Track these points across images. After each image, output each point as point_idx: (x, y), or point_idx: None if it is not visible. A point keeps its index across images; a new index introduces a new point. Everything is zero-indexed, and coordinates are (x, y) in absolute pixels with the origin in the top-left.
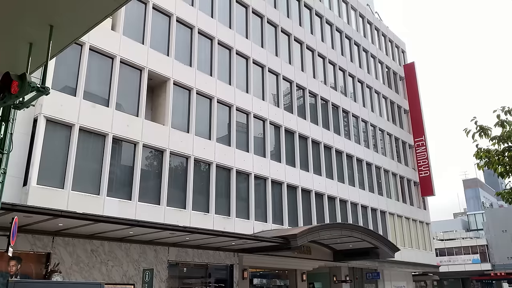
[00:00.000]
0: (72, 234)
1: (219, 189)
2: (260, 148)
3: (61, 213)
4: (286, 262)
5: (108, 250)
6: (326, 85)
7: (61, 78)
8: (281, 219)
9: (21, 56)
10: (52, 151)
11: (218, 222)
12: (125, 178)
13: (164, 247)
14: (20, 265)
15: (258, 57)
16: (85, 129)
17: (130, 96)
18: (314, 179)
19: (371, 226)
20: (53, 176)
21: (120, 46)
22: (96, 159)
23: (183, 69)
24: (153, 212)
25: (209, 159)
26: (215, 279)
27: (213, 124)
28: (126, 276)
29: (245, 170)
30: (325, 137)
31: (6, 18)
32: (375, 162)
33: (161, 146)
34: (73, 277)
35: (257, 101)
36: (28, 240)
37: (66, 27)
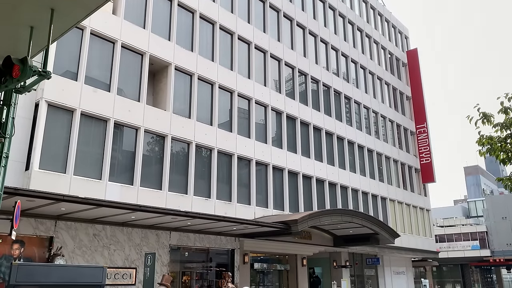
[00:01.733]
0: (75, 218)
1: (220, 175)
2: (261, 134)
3: (63, 198)
4: (286, 247)
5: (110, 234)
6: (328, 71)
7: (62, 63)
8: (282, 205)
9: (22, 40)
10: (54, 136)
11: (219, 207)
12: (126, 163)
13: (165, 231)
14: (23, 249)
15: (260, 42)
16: (86, 114)
17: (132, 81)
18: (315, 165)
19: (371, 212)
20: (55, 161)
21: (121, 30)
22: (98, 144)
23: (184, 54)
24: (154, 197)
25: (210, 145)
26: (216, 263)
27: (215, 109)
28: (128, 260)
29: (247, 156)
30: (327, 123)
31: (6, 1)
32: (376, 148)
33: (163, 131)
34: (76, 260)
35: (259, 87)
36: (31, 224)
37: (67, 11)
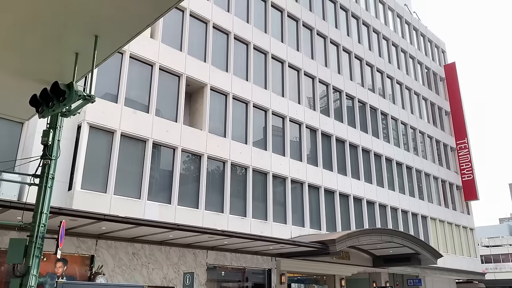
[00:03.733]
0: (115, 237)
1: (256, 193)
2: (296, 152)
3: (104, 217)
4: (324, 267)
5: (148, 253)
6: (363, 87)
7: (103, 85)
8: (319, 224)
9: (68, 65)
10: (95, 157)
11: (255, 226)
12: (164, 182)
13: (202, 250)
14: (66, 267)
15: (294, 60)
16: (126, 135)
17: (169, 102)
18: (352, 183)
19: (412, 231)
20: (96, 181)
21: (159, 53)
22: (137, 164)
23: (219, 74)
24: (191, 215)
25: (245, 163)
26: (252, 283)
27: (249, 128)
28: (166, 279)
29: (282, 174)
30: (363, 140)
31: (54, 30)
32: (415, 165)
33: (199, 150)
34: (116, 279)
35: (293, 104)
36: (73, 242)
37: (110, 37)
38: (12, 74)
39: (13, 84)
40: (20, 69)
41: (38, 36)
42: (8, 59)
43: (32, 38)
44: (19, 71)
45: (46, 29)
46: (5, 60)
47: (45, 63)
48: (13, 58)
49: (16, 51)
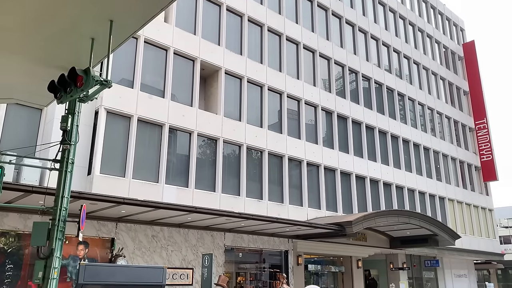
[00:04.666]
0: (134, 220)
1: (271, 176)
2: (312, 135)
3: (123, 200)
4: (341, 249)
5: (167, 235)
6: (380, 68)
7: (118, 71)
8: (335, 206)
9: (84, 51)
10: (113, 141)
11: (271, 209)
12: (181, 166)
13: (220, 232)
14: (87, 250)
15: (309, 42)
16: (143, 120)
17: (184, 87)
18: (369, 165)
19: (429, 212)
20: (115, 165)
21: (173, 37)
22: (154, 148)
23: (234, 58)
24: (209, 198)
25: (261, 147)
26: (269, 264)
27: (264, 111)
28: (185, 261)
29: (297, 157)
30: (380, 122)
31: (69, 16)
32: (433, 146)
33: (215, 134)
34: (136, 261)
35: (308, 87)
36: (93, 226)
37: (125, 22)
38: (30, 61)
39: (31, 71)
40: (37, 56)
41: (54, 22)
42: (26, 46)
43: (49, 25)
44: (37, 58)
45: (62, 15)
46: (23, 48)
47: (62, 49)
48: (30, 46)
49: (33, 38)
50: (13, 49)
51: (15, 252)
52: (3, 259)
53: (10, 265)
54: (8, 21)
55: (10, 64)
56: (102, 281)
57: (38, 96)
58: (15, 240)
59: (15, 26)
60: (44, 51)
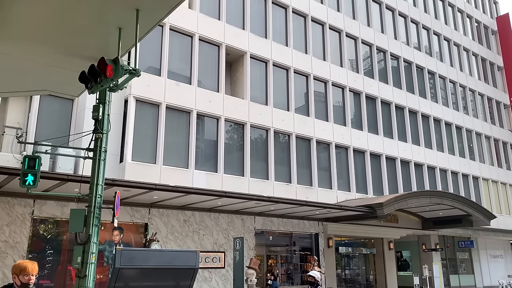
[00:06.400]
0: (166, 205)
1: (300, 160)
2: (340, 117)
3: (155, 187)
4: (372, 231)
5: (199, 220)
6: (409, 46)
7: (146, 59)
8: (365, 188)
9: (112, 41)
10: (143, 129)
11: (300, 192)
12: (210, 152)
13: (250, 216)
14: (122, 235)
15: (335, 22)
16: (171, 107)
17: (210, 73)
18: (399, 146)
19: (462, 192)
20: (145, 152)
21: (198, 23)
22: (183, 134)
23: (259, 41)
24: (238, 183)
25: (288, 130)
26: (300, 247)
27: (291, 95)
28: (217, 244)
29: (325, 140)
30: (410, 101)
31: (97, 6)
32: (465, 125)
33: (242, 119)
34: (169, 245)
35: (335, 68)
36: (127, 212)
37: (151, 10)
38: (60, 52)
39: (62, 62)
40: (67, 47)
41: (82, 13)
42: (56, 38)
43: (77, 16)
44: (67, 49)
45: (89, 5)
46: (53, 39)
47: (90, 40)
48: (60, 37)
49: (63, 29)
50: (44, 41)
51: (54, 238)
52: (43, 245)
53: (50, 250)
54: (38, 13)
55: (41, 56)
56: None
57: (69, 86)
58: (53, 227)
59: (45, 18)
60: (74, 42)
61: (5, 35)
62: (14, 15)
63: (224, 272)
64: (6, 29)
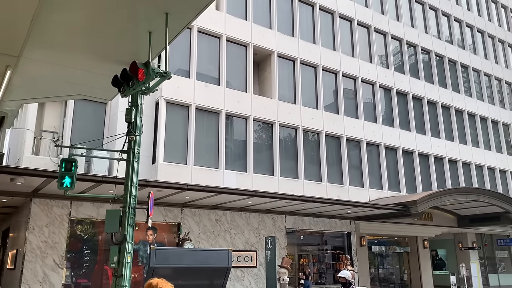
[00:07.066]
0: (198, 205)
1: (330, 158)
2: (370, 114)
3: (187, 187)
4: (405, 229)
5: (230, 219)
6: (440, 40)
7: (175, 62)
8: (398, 186)
9: (143, 45)
10: (173, 130)
11: (331, 191)
12: (239, 152)
13: (281, 215)
14: (156, 235)
15: (363, 17)
16: (200, 108)
17: (238, 73)
18: (432, 142)
19: (500, 189)
20: (177, 153)
21: (225, 24)
22: (212, 135)
23: (286, 40)
24: (267, 182)
25: (317, 129)
26: (332, 246)
27: (320, 92)
28: (248, 243)
29: (356, 137)
30: (443, 96)
31: (127, 11)
32: (501, 119)
33: (270, 119)
34: (201, 244)
35: (364, 64)
36: (160, 212)
37: (180, 13)
38: (94, 58)
39: (95, 67)
40: (100, 53)
41: (115, 19)
42: (89, 44)
43: (110, 22)
44: (100, 55)
45: (120, 11)
46: (86, 45)
47: (122, 45)
48: (93, 43)
49: (95, 35)
50: (78, 48)
51: (90, 239)
52: (81, 246)
53: (87, 250)
54: (74, 21)
55: (76, 62)
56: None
57: (102, 90)
58: (90, 228)
59: (80, 25)
60: (106, 47)
61: (42, 43)
62: (51, 24)
63: (256, 271)
64: (44, 37)
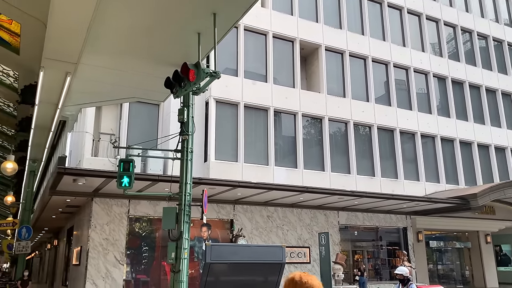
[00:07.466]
0: (249, 202)
1: (383, 152)
2: (424, 104)
3: (238, 184)
4: (465, 224)
5: (282, 215)
6: (498, 23)
7: (222, 61)
8: (456, 179)
9: (192, 46)
10: (223, 129)
11: (385, 185)
12: (289, 148)
13: (333, 211)
14: (210, 231)
15: (413, 5)
16: (249, 106)
17: (285, 69)
18: (493, 132)
19: None
20: (227, 151)
21: (271, 21)
22: (261, 132)
23: (333, 33)
24: (318, 178)
25: (369, 122)
26: (387, 242)
27: (370, 85)
28: (301, 239)
29: (410, 130)
30: (502, 83)
31: (176, 14)
32: None
33: (319, 113)
34: (254, 240)
35: (416, 53)
36: (213, 208)
37: (227, 13)
38: (147, 61)
39: (148, 70)
40: (153, 56)
41: (166, 22)
42: (144, 48)
43: (161, 25)
44: (152, 58)
45: (172, 14)
46: (141, 50)
47: (173, 47)
48: (147, 47)
49: (147, 40)
50: (133, 52)
51: (148, 236)
52: (139, 242)
53: (145, 247)
54: (128, 26)
55: (131, 66)
56: (227, 260)
57: (155, 92)
58: (147, 225)
59: (134, 30)
60: (158, 50)
61: (98, 49)
62: (108, 30)
63: (310, 267)
64: (101, 43)
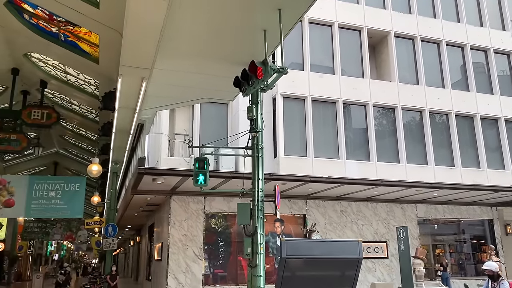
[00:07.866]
0: (321, 196)
1: (462, 140)
2: (507, 87)
3: (309, 179)
4: None
5: (356, 210)
6: None
7: (288, 56)
8: None
9: (258, 44)
10: (291, 124)
11: (466, 175)
12: (360, 140)
13: (411, 204)
14: (283, 226)
15: None
16: (316, 99)
17: (353, 59)
18: None
19: None
20: (296, 146)
21: (336, 11)
22: (330, 125)
23: (402, 18)
24: (393, 170)
25: (445, 109)
26: (471, 235)
27: (445, 70)
28: (378, 234)
29: (492, 115)
30: None
31: (242, 13)
32: None
33: (391, 103)
34: (328, 235)
35: (495, 33)
36: (285, 204)
37: (292, 8)
38: (215, 61)
39: (217, 71)
40: (220, 56)
41: (230, 22)
42: (212, 49)
43: (228, 25)
44: (220, 58)
45: (238, 13)
46: (209, 51)
47: (239, 46)
48: (215, 48)
49: (217, 40)
50: (202, 54)
51: (223, 231)
52: (215, 238)
53: (222, 242)
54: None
55: (200, 68)
56: (302, 255)
57: (224, 92)
58: (222, 221)
59: (202, 32)
60: (226, 50)
61: (171, 54)
62: (179, 34)
63: (388, 262)
64: (172, 48)
